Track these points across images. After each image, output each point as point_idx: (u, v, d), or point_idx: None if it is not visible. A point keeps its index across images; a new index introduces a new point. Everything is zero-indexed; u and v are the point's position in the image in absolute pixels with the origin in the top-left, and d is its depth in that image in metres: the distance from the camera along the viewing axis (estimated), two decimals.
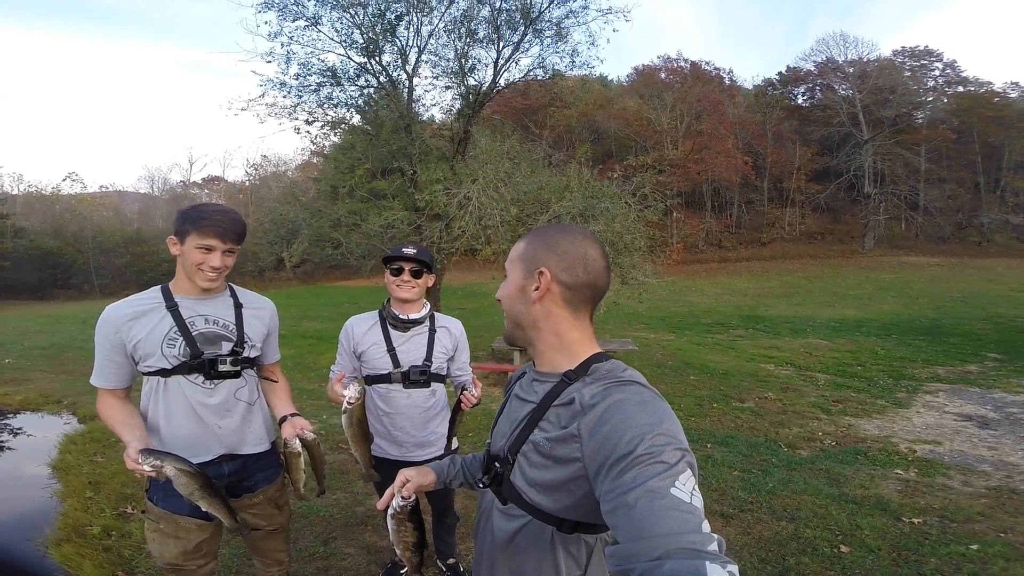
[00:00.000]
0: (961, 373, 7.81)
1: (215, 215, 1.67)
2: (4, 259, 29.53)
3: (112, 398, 1.72)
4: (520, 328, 1.04)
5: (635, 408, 0.83)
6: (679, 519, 0.68)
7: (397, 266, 2.16)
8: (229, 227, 1.67)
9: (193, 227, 1.63)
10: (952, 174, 32.44)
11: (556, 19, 9.42)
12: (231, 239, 1.68)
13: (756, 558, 2.84)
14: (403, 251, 2.16)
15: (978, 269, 23.97)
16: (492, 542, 1.04)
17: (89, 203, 41.43)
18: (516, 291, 1.03)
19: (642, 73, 38.73)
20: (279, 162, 46.57)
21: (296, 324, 14.03)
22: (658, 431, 0.78)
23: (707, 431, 5.23)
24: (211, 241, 1.64)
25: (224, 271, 1.72)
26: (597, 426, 0.84)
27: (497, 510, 1.04)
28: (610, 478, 0.77)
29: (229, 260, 1.72)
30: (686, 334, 12.30)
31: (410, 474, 1.23)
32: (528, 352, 1.08)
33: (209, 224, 1.63)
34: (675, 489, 0.71)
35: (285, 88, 9.33)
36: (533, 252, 1.01)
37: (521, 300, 1.02)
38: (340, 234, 9.53)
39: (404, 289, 2.16)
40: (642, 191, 8.59)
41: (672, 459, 0.75)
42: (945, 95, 34.15)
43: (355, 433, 1.87)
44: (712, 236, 33.08)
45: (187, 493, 1.53)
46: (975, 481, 3.97)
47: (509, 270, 1.07)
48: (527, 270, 1.01)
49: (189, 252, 1.65)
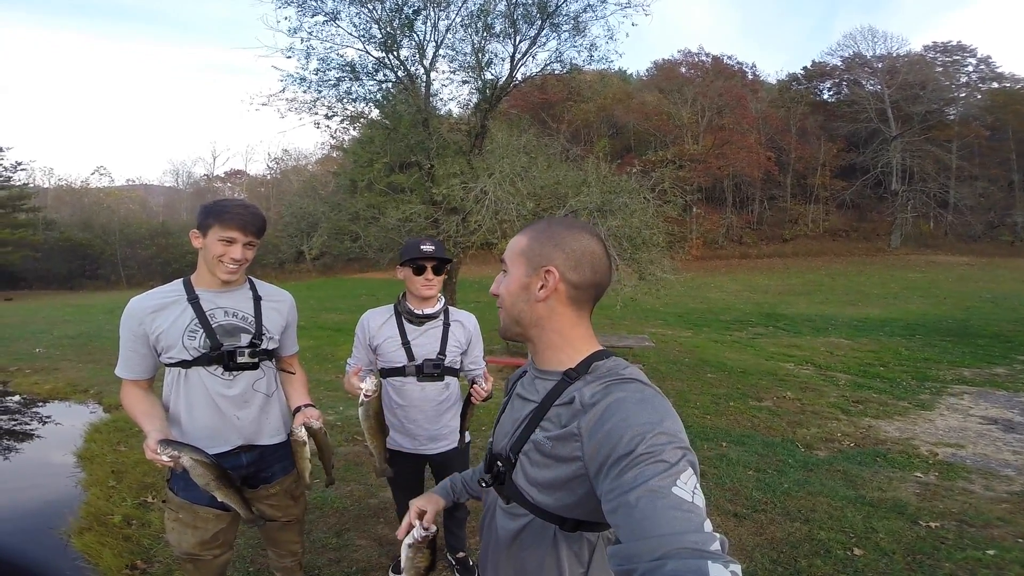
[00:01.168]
0: (988, 375, 7.59)
1: (237, 209, 1.72)
2: (36, 250, 30.47)
3: (135, 388, 1.76)
4: (520, 326, 1.02)
5: (636, 406, 0.82)
6: (681, 518, 0.67)
7: (419, 265, 2.15)
8: (250, 220, 1.71)
9: (216, 220, 1.68)
10: (984, 172, 31.48)
11: (574, 13, 9.34)
12: (252, 232, 1.72)
13: (768, 559, 2.81)
14: (423, 248, 2.14)
15: (1010, 269, 23.24)
16: (496, 540, 1.04)
17: (116, 196, 42.50)
18: (519, 288, 1.00)
19: (662, 67, 38.33)
20: (300, 156, 47.24)
21: (315, 316, 14.22)
22: (659, 430, 0.77)
23: (723, 430, 5.17)
24: (233, 233, 1.68)
25: (244, 263, 1.76)
26: (597, 425, 0.83)
27: (500, 509, 1.04)
28: (611, 477, 0.77)
29: (249, 253, 1.76)
30: (704, 331, 12.17)
31: (422, 503, 1.22)
32: (527, 348, 1.06)
33: (231, 217, 1.68)
34: (676, 488, 0.71)
35: (305, 83, 9.40)
36: (539, 249, 0.98)
37: (523, 298, 0.99)
38: (359, 227, 9.60)
39: (429, 287, 2.17)
40: (661, 186, 8.50)
41: (673, 458, 0.74)
42: (979, 91, 33.19)
43: (371, 426, 1.89)
44: (733, 232, 32.66)
45: (203, 483, 1.58)
46: (997, 485, 3.86)
47: (510, 265, 1.03)
48: (531, 267, 0.98)
49: (211, 244, 1.69)
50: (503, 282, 1.04)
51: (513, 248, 1.04)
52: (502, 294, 1.04)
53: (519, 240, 1.04)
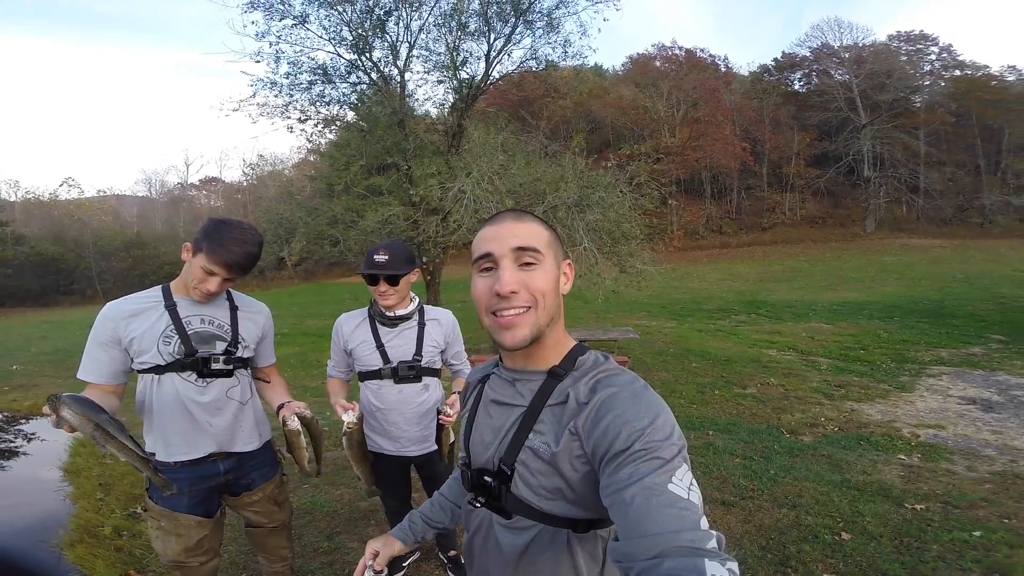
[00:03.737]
0: (965, 355, 7.76)
1: (231, 244, 1.67)
2: (6, 266, 29.56)
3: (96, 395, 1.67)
4: (550, 324, 0.91)
5: (630, 402, 0.81)
6: (677, 516, 0.67)
7: (372, 275, 2.10)
8: (237, 263, 1.69)
9: (207, 248, 1.67)
10: (952, 157, 32.20)
11: (546, 10, 9.38)
12: (236, 272, 1.71)
13: (757, 546, 2.83)
14: (374, 259, 2.07)
15: (980, 250, 23.82)
16: (500, 558, 0.97)
17: (88, 208, 41.38)
18: (555, 281, 0.91)
19: (637, 62, 38.50)
20: (276, 161, 46.59)
21: (298, 322, 14.04)
22: (654, 426, 0.77)
23: (709, 418, 5.22)
24: (215, 268, 1.67)
25: (219, 294, 1.77)
26: (594, 422, 0.82)
27: (499, 525, 0.96)
28: (606, 474, 0.77)
29: (227, 286, 1.77)
30: (688, 321, 12.28)
31: (377, 546, 1.17)
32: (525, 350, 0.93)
33: (221, 253, 1.66)
34: (672, 485, 0.70)
35: (276, 87, 9.32)
36: (557, 242, 0.95)
37: (557, 292, 0.92)
38: (338, 231, 9.52)
39: (385, 298, 2.13)
40: (637, 179, 8.54)
41: (668, 454, 0.74)
42: (942, 79, 33.91)
43: (355, 454, 2.01)
44: (712, 222, 32.98)
45: (90, 437, 1.39)
46: (979, 466, 3.94)
47: (546, 254, 0.90)
48: (557, 259, 0.93)
49: (194, 268, 1.69)
50: (537, 275, 0.89)
51: (540, 237, 0.91)
52: (542, 288, 0.89)
53: (539, 229, 0.92)
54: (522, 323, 0.88)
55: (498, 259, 0.89)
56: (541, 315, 0.88)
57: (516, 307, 0.87)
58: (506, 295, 0.86)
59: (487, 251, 0.90)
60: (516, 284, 0.87)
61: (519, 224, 0.91)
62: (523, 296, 0.87)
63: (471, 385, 1.11)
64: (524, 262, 0.88)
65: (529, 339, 0.88)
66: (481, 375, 1.09)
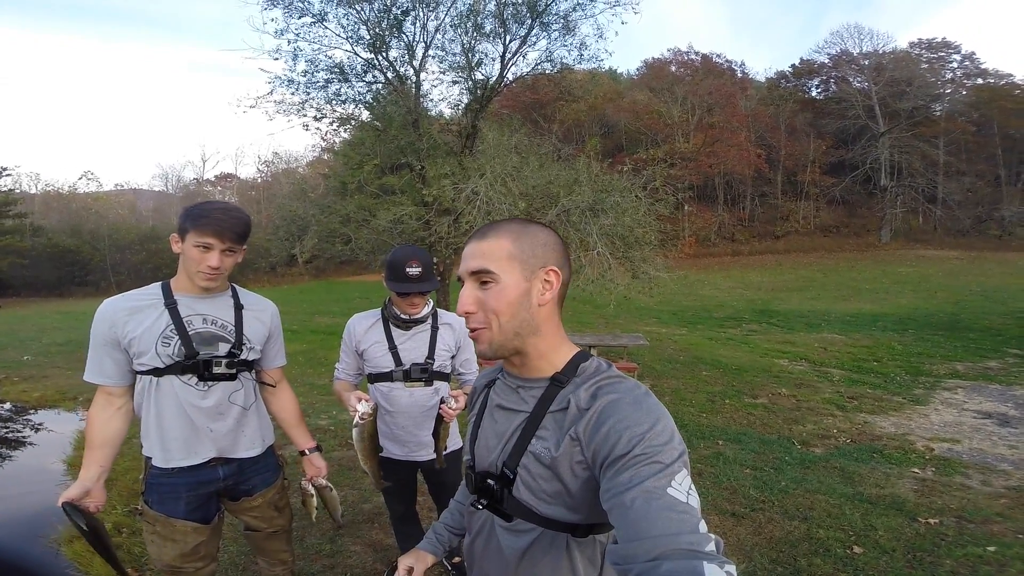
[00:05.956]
0: (981, 369, 7.63)
1: (216, 213, 1.61)
2: (23, 257, 30.06)
3: (107, 402, 1.69)
4: (519, 338, 0.93)
5: (630, 408, 0.82)
6: (676, 519, 0.68)
7: (405, 291, 2.04)
8: (228, 226, 1.61)
9: (192, 224, 1.59)
10: (972, 167, 31.74)
11: (563, 12, 9.36)
12: (230, 238, 1.62)
13: (767, 559, 2.78)
14: (408, 272, 2.00)
15: (998, 263, 23.42)
16: (501, 560, 0.99)
17: (105, 201, 42.05)
18: (519, 296, 0.91)
19: (652, 66, 38.36)
20: (291, 159, 47.00)
21: (308, 319, 14.13)
22: (654, 430, 0.78)
23: (719, 428, 5.16)
24: (208, 239, 1.59)
25: (224, 271, 1.67)
26: (595, 427, 0.83)
27: (500, 528, 0.98)
28: (607, 478, 0.78)
29: (229, 260, 1.66)
30: (698, 328, 12.18)
31: (409, 561, 1.18)
32: (510, 360, 0.98)
33: (208, 222, 1.59)
34: (671, 489, 0.71)
35: (293, 85, 9.37)
36: (530, 249, 0.93)
37: (525, 305, 0.92)
38: (350, 230, 9.54)
39: (416, 308, 2.11)
40: (652, 184, 8.49)
41: (668, 458, 0.75)
42: (964, 87, 33.46)
43: (365, 447, 1.92)
44: (725, 229, 32.76)
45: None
46: (994, 480, 3.86)
47: (501, 272, 0.91)
48: (528, 270, 0.92)
49: (188, 250, 1.61)
50: (491, 295, 0.92)
51: (496, 253, 0.92)
52: (495, 307, 0.91)
53: (499, 244, 0.93)
54: (480, 339, 0.94)
55: (463, 280, 0.96)
56: (496, 334, 0.92)
57: (472, 326, 0.94)
58: (461, 315, 0.94)
59: (459, 272, 0.97)
60: (470, 305, 0.93)
61: (481, 243, 0.94)
62: (479, 316, 0.93)
63: (477, 389, 1.14)
64: (482, 281, 0.93)
65: (489, 354, 0.94)
66: (487, 380, 1.10)
